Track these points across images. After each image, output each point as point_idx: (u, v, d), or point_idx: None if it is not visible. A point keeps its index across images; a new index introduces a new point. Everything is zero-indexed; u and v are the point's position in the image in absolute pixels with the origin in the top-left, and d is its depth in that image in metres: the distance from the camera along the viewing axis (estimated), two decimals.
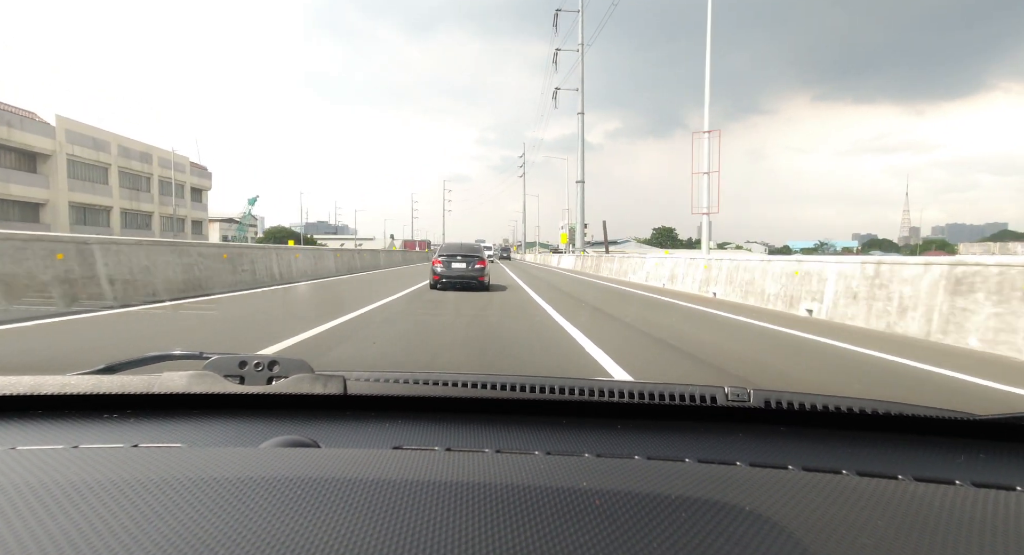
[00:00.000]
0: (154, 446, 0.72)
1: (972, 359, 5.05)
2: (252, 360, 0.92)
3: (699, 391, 0.92)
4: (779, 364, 4.68)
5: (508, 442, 0.83)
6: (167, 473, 0.58)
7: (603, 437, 0.86)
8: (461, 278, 12.03)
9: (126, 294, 7.87)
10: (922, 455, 0.82)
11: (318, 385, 0.89)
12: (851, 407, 0.88)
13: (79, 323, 5.86)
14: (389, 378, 0.96)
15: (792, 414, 0.90)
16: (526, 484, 0.59)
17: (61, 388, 0.86)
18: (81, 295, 7.09)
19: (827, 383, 4.04)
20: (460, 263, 12.11)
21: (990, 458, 0.81)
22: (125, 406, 0.90)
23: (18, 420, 0.84)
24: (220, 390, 0.88)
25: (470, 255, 12.31)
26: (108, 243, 7.85)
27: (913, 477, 0.68)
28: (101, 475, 0.57)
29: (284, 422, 0.88)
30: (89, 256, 7.40)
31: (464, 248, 12.85)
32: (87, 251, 7.39)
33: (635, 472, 0.65)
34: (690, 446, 0.84)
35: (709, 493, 0.58)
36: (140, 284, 8.22)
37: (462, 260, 12.14)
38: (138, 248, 8.37)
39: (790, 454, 0.81)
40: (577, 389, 0.93)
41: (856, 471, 0.69)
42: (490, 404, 0.95)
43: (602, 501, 0.55)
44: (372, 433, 0.86)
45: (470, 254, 12.36)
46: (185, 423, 0.86)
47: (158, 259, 8.76)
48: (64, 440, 0.77)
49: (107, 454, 0.64)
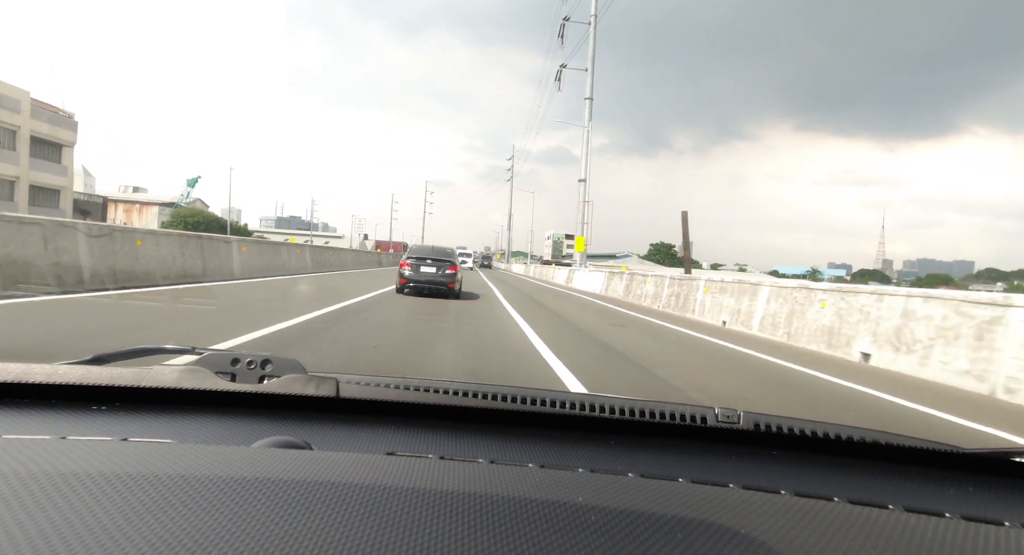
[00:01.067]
0: (144, 440, 0.71)
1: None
2: (245, 358, 0.91)
3: (690, 411, 0.92)
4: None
5: (502, 453, 0.83)
6: (157, 468, 0.57)
7: (597, 452, 0.86)
8: (430, 284, 11.11)
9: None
10: (911, 485, 0.83)
11: (310, 386, 0.87)
12: (839, 434, 0.89)
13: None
14: (382, 382, 0.95)
15: (782, 438, 0.91)
16: (520, 496, 0.58)
17: (49, 377, 0.85)
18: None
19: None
20: (430, 267, 11.18)
21: (978, 491, 0.81)
22: (114, 398, 0.88)
23: (4, 408, 0.82)
24: (211, 387, 0.86)
25: (441, 259, 11.36)
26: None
27: (904, 507, 0.68)
28: (91, 467, 0.56)
29: (275, 422, 0.87)
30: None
31: (436, 251, 11.85)
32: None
33: (630, 489, 0.65)
34: (683, 465, 0.84)
35: (703, 514, 0.58)
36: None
37: (432, 264, 11.21)
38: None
39: (782, 478, 0.81)
40: (571, 403, 0.93)
41: (848, 499, 0.69)
42: (484, 414, 0.94)
43: (598, 517, 0.55)
44: (365, 437, 0.85)
45: (441, 258, 11.41)
46: (175, 418, 0.85)
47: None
48: (52, 431, 0.76)
49: (96, 446, 0.63)
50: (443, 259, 11.41)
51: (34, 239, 7.08)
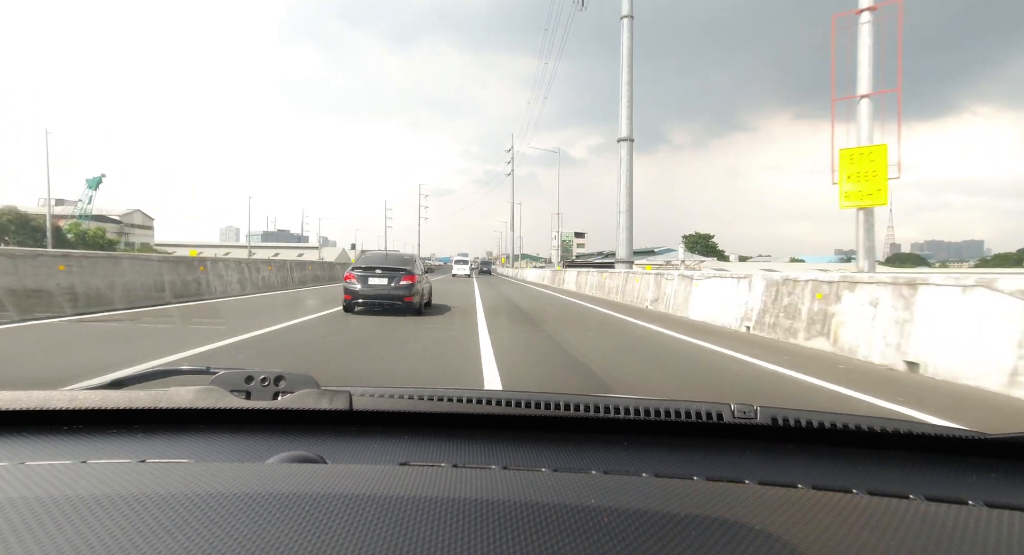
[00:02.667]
0: (161, 461, 0.72)
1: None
2: (258, 375, 0.93)
3: (705, 408, 0.92)
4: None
5: (515, 458, 0.83)
6: (175, 488, 0.58)
7: (610, 454, 0.86)
8: (380, 298, 9.31)
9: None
10: (932, 474, 0.82)
11: (324, 400, 0.89)
12: (859, 425, 0.88)
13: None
14: (395, 394, 0.96)
15: (799, 432, 0.90)
16: (534, 501, 0.58)
17: (69, 403, 0.87)
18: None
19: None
20: (379, 278, 9.34)
21: (1002, 478, 0.80)
22: (132, 421, 0.90)
23: (27, 435, 0.84)
24: (226, 405, 0.88)
25: (393, 268, 9.45)
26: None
27: (924, 497, 0.68)
28: (110, 490, 0.57)
29: (290, 437, 0.88)
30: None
31: (389, 259, 9.98)
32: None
33: (643, 490, 0.65)
34: (698, 463, 0.83)
35: (719, 511, 0.58)
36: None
37: (383, 274, 9.35)
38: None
39: (799, 472, 0.80)
40: (583, 405, 0.93)
41: (866, 490, 0.69)
42: (496, 420, 0.95)
43: (611, 519, 0.55)
44: (378, 449, 0.86)
45: (394, 267, 9.50)
46: (192, 438, 0.87)
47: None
48: (72, 455, 0.77)
49: (115, 469, 0.64)
50: (396, 268, 9.47)
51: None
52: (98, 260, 9.79)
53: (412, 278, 9.42)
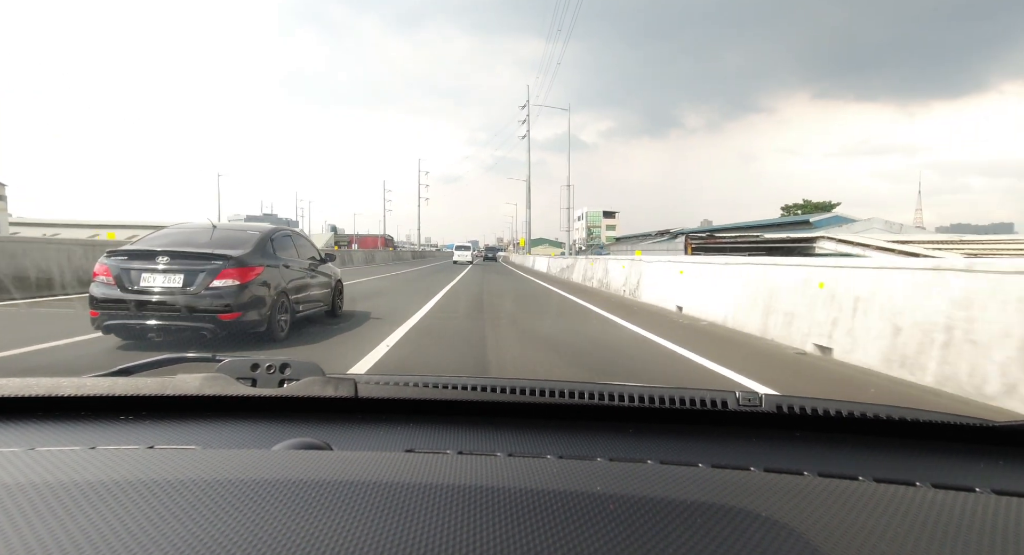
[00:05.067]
0: (169, 448, 0.73)
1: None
2: (264, 363, 0.93)
3: (711, 396, 0.91)
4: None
5: (520, 446, 0.83)
6: (182, 474, 0.59)
7: (615, 441, 0.86)
8: (161, 313, 4.74)
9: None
10: (939, 462, 0.82)
11: (329, 388, 0.89)
12: (865, 412, 0.87)
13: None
14: (400, 381, 0.96)
15: (805, 419, 0.90)
16: (539, 488, 0.59)
17: (77, 390, 0.87)
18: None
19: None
20: (164, 275, 4.81)
21: (1011, 465, 0.80)
22: (140, 408, 0.91)
23: (36, 421, 0.85)
24: (233, 392, 0.89)
25: (198, 255, 4.95)
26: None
27: (931, 484, 0.67)
28: (118, 476, 0.58)
29: (296, 424, 0.88)
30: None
31: (196, 237, 5.42)
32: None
33: (649, 477, 0.65)
34: (703, 451, 0.83)
35: (724, 499, 0.58)
36: None
37: (172, 266, 4.83)
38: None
39: (805, 460, 0.80)
40: (588, 393, 0.93)
41: (873, 477, 0.69)
42: (501, 407, 0.95)
43: (616, 506, 0.55)
44: (384, 436, 0.86)
45: (200, 253, 4.98)
46: (199, 425, 0.87)
47: None
48: (81, 441, 0.78)
49: (124, 455, 0.65)
50: (204, 254, 4.96)
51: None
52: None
53: (242, 274, 4.94)
